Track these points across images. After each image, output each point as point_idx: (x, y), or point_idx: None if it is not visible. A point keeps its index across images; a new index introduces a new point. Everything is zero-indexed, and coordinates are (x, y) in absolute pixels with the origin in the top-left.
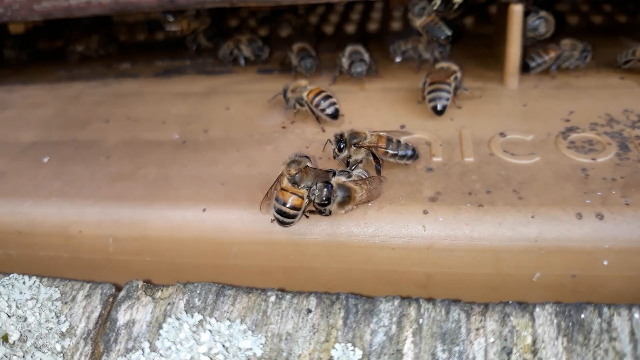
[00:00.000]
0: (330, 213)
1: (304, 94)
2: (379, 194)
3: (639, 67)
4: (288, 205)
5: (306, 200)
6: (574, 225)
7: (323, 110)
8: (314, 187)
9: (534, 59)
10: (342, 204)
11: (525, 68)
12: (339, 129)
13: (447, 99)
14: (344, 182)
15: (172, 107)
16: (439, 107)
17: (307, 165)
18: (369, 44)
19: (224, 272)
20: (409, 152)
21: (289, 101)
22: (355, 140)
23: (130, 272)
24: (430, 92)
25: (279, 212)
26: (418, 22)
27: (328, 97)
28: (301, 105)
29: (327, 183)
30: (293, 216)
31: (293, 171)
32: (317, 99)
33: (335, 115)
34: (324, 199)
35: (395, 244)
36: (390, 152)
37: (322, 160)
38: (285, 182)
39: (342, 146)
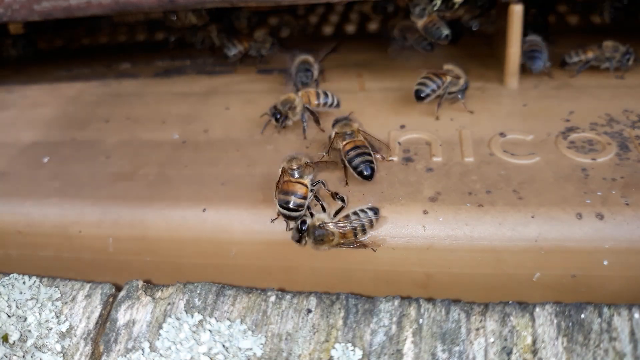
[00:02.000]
0: (306, 243)
1: (340, 143)
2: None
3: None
4: (297, 195)
5: (310, 194)
6: (574, 225)
7: (356, 168)
8: (296, 221)
9: (571, 56)
10: (317, 242)
11: (562, 64)
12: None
13: (433, 90)
14: (321, 224)
15: (172, 107)
16: (422, 94)
17: (307, 162)
18: (369, 44)
19: (224, 272)
20: (335, 101)
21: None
22: (287, 106)
23: (130, 272)
24: (420, 77)
25: (285, 202)
26: (419, 24)
27: (364, 153)
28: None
29: (304, 222)
30: (300, 205)
31: (295, 166)
32: (352, 153)
33: (369, 177)
34: (295, 233)
35: (395, 244)
36: (321, 102)
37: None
38: (289, 178)
39: (278, 116)
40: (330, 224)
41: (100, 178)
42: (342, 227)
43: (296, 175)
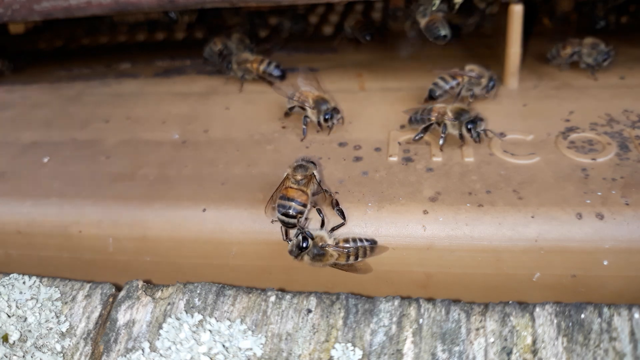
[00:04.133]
0: (302, 259)
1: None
2: (365, 268)
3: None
4: (296, 202)
5: (309, 204)
6: (574, 225)
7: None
8: (297, 235)
9: (552, 53)
10: (314, 260)
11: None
12: (339, 128)
13: (445, 90)
14: (323, 245)
15: (172, 107)
16: (433, 94)
17: (313, 173)
18: (369, 44)
19: (224, 272)
20: (278, 72)
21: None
22: (234, 58)
23: (130, 272)
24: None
25: (284, 208)
26: (422, 24)
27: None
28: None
29: (305, 239)
30: (300, 212)
31: (299, 177)
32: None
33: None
34: (295, 249)
35: (395, 244)
36: (262, 68)
37: (322, 159)
38: (290, 184)
39: (228, 66)
40: (330, 247)
41: (100, 178)
42: (341, 250)
43: (300, 185)
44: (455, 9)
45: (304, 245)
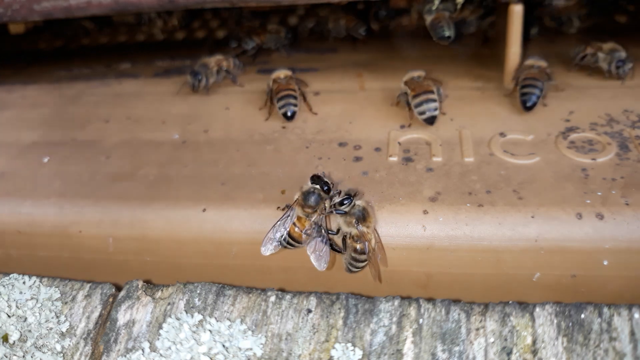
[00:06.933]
0: (338, 232)
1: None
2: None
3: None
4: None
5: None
6: (574, 225)
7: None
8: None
9: (575, 50)
10: (358, 216)
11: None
12: (339, 128)
13: (436, 108)
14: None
15: (172, 107)
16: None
17: (324, 206)
18: (369, 44)
19: (224, 272)
20: (241, 64)
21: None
22: (205, 67)
23: (130, 272)
24: (419, 104)
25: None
26: (428, 21)
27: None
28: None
29: (355, 194)
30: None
31: (309, 210)
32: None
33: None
34: (346, 196)
35: (395, 244)
36: (232, 64)
37: (322, 159)
38: (300, 213)
39: (200, 77)
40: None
41: (100, 178)
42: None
43: (309, 217)
44: (457, 9)
45: (352, 194)
